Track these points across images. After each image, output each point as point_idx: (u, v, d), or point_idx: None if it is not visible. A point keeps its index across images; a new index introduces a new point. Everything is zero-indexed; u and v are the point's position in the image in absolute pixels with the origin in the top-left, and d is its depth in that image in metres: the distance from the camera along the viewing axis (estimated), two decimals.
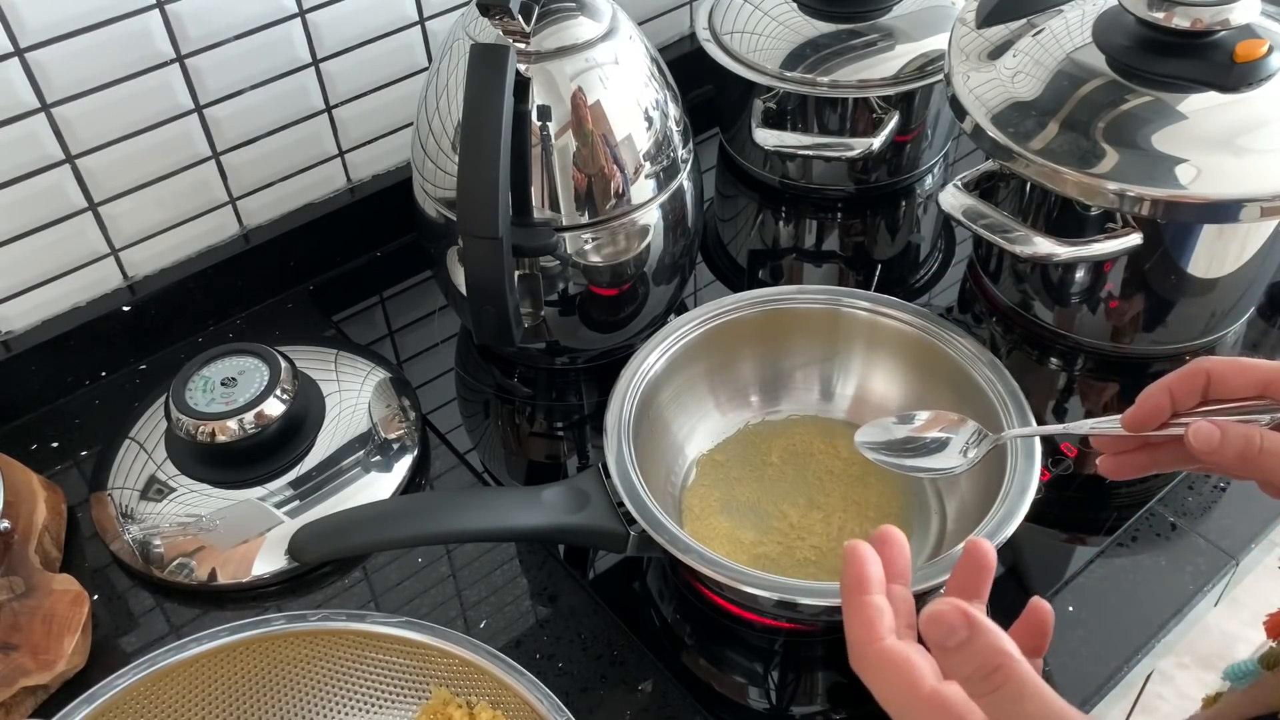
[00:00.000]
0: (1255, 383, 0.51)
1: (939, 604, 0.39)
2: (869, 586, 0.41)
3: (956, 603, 0.39)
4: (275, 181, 0.92)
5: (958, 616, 0.38)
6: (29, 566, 0.71)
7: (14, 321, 0.84)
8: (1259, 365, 0.52)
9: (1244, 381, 0.52)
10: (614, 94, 0.73)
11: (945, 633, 0.38)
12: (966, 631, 0.38)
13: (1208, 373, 0.52)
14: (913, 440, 0.65)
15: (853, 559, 0.42)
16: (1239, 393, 0.52)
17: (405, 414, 0.82)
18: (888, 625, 0.41)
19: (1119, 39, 0.76)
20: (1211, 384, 0.52)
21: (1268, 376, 0.51)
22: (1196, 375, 0.52)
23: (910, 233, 1.03)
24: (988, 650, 0.38)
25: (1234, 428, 0.51)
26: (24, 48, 0.74)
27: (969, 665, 0.38)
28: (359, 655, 0.62)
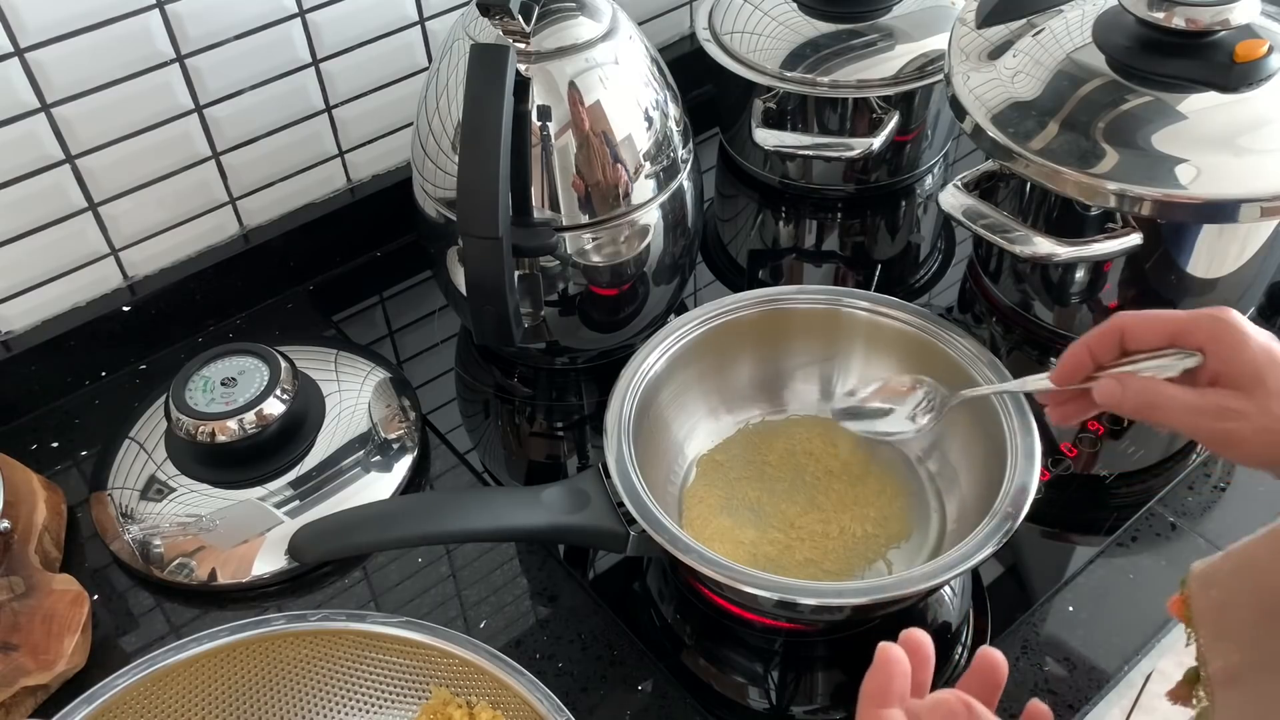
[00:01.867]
0: (1164, 334, 0.56)
1: (943, 693, 0.41)
2: (890, 700, 0.42)
3: (959, 692, 0.40)
4: (275, 181, 0.92)
5: (959, 707, 0.40)
6: (29, 566, 0.71)
7: (14, 321, 0.84)
8: (1167, 317, 0.56)
9: (1154, 333, 0.56)
10: (614, 94, 0.73)
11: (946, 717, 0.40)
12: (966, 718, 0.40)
13: (1122, 329, 0.57)
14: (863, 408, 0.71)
15: (881, 665, 0.43)
16: (1151, 344, 0.56)
17: (405, 414, 0.82)
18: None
19: (1119, 39, 0.76)
20: (1126, 337, 0.57)
21: (1175, 327, 0.55)
22: (1112, 331, 0.57)
23: (910, 233, 1.03)
24: None
25: (1134, 382, 0.56)
26: (24, 48, 0.74)
27: None
28: (359, 655, 0.62)
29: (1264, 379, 0.53)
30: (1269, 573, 0.38)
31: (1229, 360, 0.54)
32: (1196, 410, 0.54)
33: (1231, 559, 0.41)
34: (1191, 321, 0.55)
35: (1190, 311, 0.56)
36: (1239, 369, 0.54)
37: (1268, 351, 0.53)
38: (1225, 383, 0.54)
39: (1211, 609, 0.41)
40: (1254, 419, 0.53)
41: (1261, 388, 0.53)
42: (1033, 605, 0.70)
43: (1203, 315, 0.55)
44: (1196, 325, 0.55)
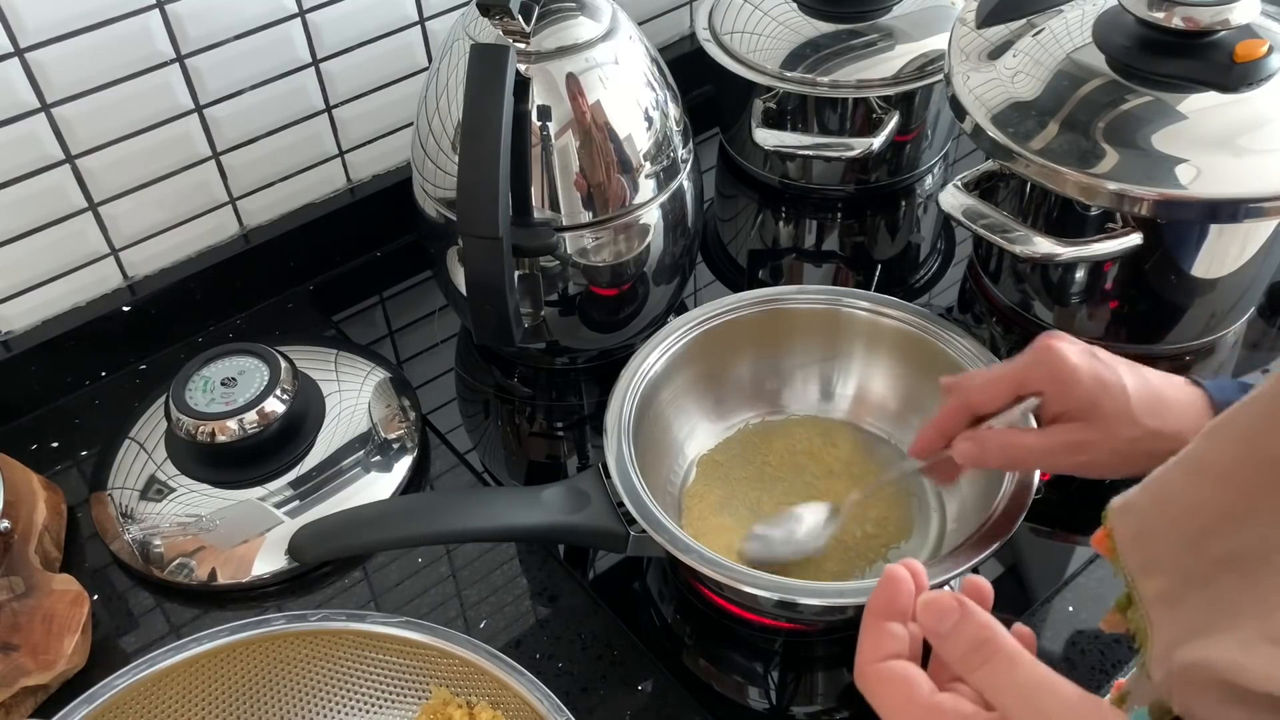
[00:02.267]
0: (1006, 393, 0.60)
1: (934, 593, 0.42)
2: (892, 613, 0.43)
3: (949, 591, 0.42)
4: (275, 181, 0.92)
5: (950, 601, 0.41)
6: (29, 566, 0.71)
7: (14, 321, 0.84)
8: (1003, 375, 0.60)
9: (997, 396, 0.61)
10: (614, 94, 0.73)
11: (939, 617, 0.41)
12: (958, 615, 0.40)
13: (967, 403, 0.62)
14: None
15: (887, 581, 0.44)
16: (997, 405, 0.61)
17: (405, 414, 0.82)
18: (894, 651, 0.42)
19: (1119, 39, 0.76)
20: (973, 406, 0.61)
21: (1013, 382, 0.60)
22: (958, 408, 0.62)
23: (910, 233, 1.03)
24: (977, 627, 0.40)
25: (990, 438, 0.60)
26: (24, 48, 0.74)
27: (962, 644, 0.40)
28: (359, 655, 0.62)
29: (1099, 406, 0.57)
30: (1185, 502, 0.40)
31: (1065, 398, 0.58)
32: (1050, 452, 0.59)
33: (1148, 492, 0.43)
34: (1025, 371, 0.60)
35: (1021, 358, 0.60)
36: (1075, 404, 0.58)
37: (1096, 379, 0.57)
38: (1066, 418, 0.59)
39: (1134, 541, 0.42)
40: (1101, 445, 0.57)
41: (1099, 415, 0.57)
42: (1033, 605, 0.70)
43: (1033, 360, 0.60)
44: (1031, 372, 0.59)
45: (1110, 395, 0.57)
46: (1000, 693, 0.38)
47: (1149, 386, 0.58)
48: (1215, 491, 0.38)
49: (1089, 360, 0.58)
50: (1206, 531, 0.38)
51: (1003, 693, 0.38)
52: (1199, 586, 0.38)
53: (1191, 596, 0.38)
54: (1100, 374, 0.58)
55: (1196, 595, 0.38)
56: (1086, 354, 0.59)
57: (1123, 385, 0.57)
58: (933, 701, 0.40)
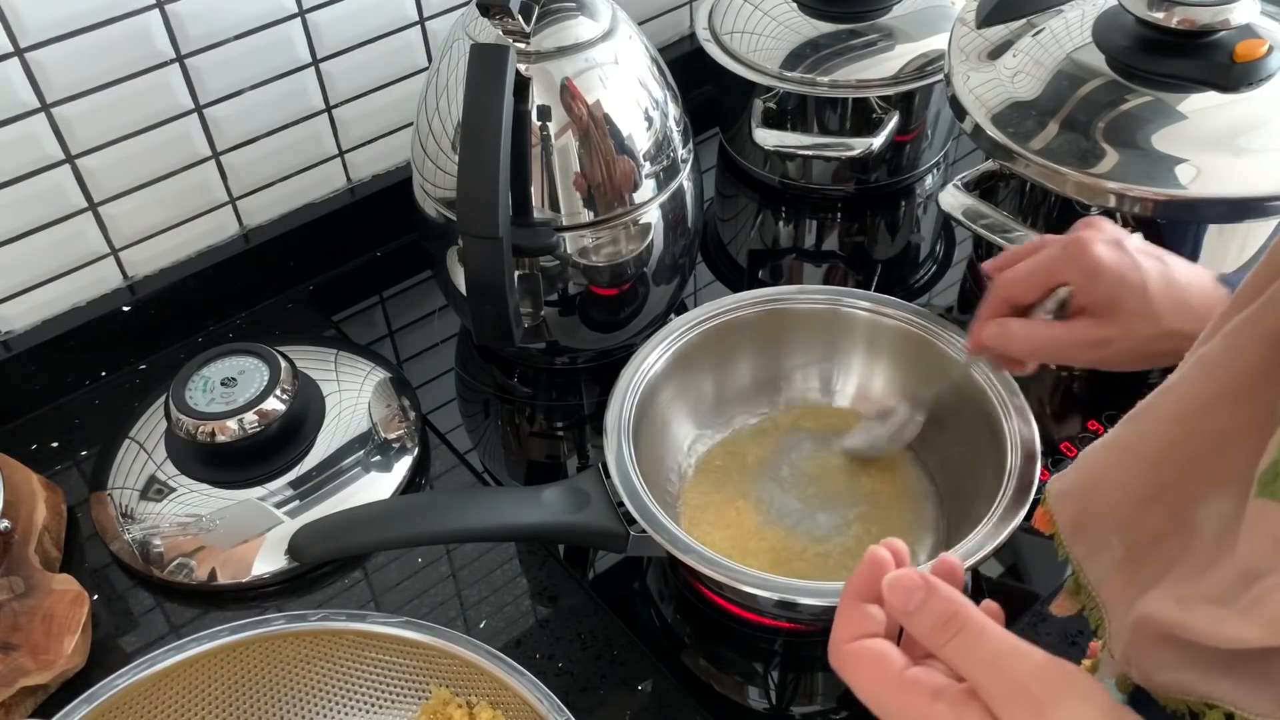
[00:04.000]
0: (1041, 286, 0.62)
1: (899, 572, 0.42)
2: (870, 594, 0.43)
3: (915, 570, 0.42)
4: (275, 181, 0.92)
5: (915, 579, 0.41)
6: (29, 566, 0.71)
7: (14, 321, 0.84)
8: (1036, 268, 0.62)
9: (1033, 289, 0.62)
10: (614, 94, 0.73)
11: (905, 595, 0.41)
12: (923, 592, 0.41)
13: (1005, 297, 0.63)
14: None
15: (868, 562, 0.44)
16: (1033, 298, 0.63)
17: (405, 414, 0.82)
18: (869, 631, 0.43)
19: (1119, 39, 0.76)
20: (1012, 301, 0.63)
21: (1046, 274, 0.62)
22: (1000, 304, 0.64)
23: (910, 233, 1.03)
24: (943, 603, 0.40)
25: (1016, 326, 0.62)
26: (24, 48, 0.74)
27: (929, 620, 0.40)
28: (359, 655, 0.62)
29: (1120, 303, 0.59)
30: (1118, 484, 0.41)
31: (1089, 292, 0.60)
32: (1072, 345, 0.61)
33: (1081, 475, 0.43)
34: (1055, 262, 0.61)
35: (1054, 247, 0.61)
36: (1098, 299, 0.60)
37: (1118, 276, 0.58)
38: (1090, 311, 0.60)
39: (1074, 526, 0.43)
40: (1120, 342, 0.59)
41: (1120, 312, 0.59)
42: (1033, 605, 0.70)
43: (1063, 251, 0.61)
44: (1060, 264, 0.61)
45: (1130, 292, 0.58)
46: (970, 664, 0.39)
47: (1172, 287, 0.58)
48: (1146, 471, 0.40)
49: (1115, 254, 0.59)
50: (1141, 509, 0.40)
51: (972, 664, 0.39)
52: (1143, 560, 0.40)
53: (1139, 571, 0.40)
54: (1123, 271, 0.58)
55: (1143, 569, 0.40)
56: (1114, 247, 0.59)
57: (1144, 284, 0.58)
58: (906, 676, 0.40)
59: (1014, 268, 0.63)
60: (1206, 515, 0.38)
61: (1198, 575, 0.37)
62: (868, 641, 0.42)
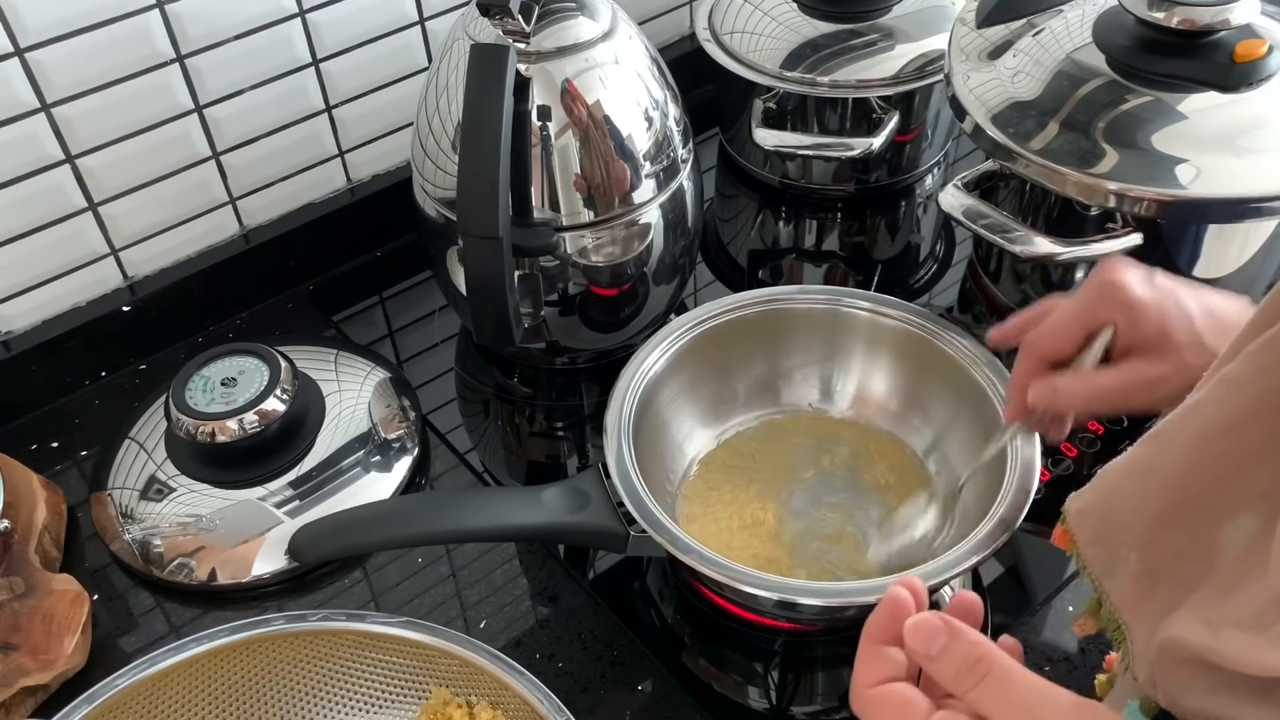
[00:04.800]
0: (1076, 336, 0.59)
1: (919, 616, 0.41)
2: (890, 636, 0.43)
3: (936, 613, 0.41)
4: (275, 181, 0.92)
5: (936, 623, 0.41)
6: (29, 566, 0.71)
7: (14, 321, 0.84)
8: (1070, 318, 0.59)
9: (1068, 341, 0.59)
10: (614, 94, 0.73)
11: (929, 639, 0.40)
12: (945, 636, 0.40)
13: (1039, 354, 0.60)
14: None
15: (889, 604, 0.44)
16: (1071, 351, 0.59)
17: (405, 414, 0.82)
18: (891, 675, 0.42)
19: (1119, 39, 0.76)
20: (1049, 358, 0.60)
21: (1082, 322, 0.58)
22: (1036, 365, 0.60)
23: (910, 233, 1.03)
24: (968, 646, 0.40)
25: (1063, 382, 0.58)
26: (24, 48, 0.74)
27: (954, 665, 0.40)
28: (359, 655, 0.62)
29: (1170, 336, 0.56)
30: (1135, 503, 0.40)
31: (1134, 331, 0.57)
32: (1127, 390, 0.57)
33: (1101, 494, 0.43)
34: (1092, 307, 0.58)
35: (1083, 295, 0.59)
36: (1145, 337, 0.57)
37: (1160, 309, 0.56)
38: (1138, 351, 0.57)
39: (1093, 545, 0.43)
40: (1174, 379, 0.56)
41: (1171, 345, 0.56)
42: (1033, 605, 0.70)
43: (1098, 295, 0.58)
44: (1098, 307, 0.58)
45: (1179, 325, 0.56)
46: (998, 710, 0.38)
47: (1214, 313, 0.57)
48: (1167, 490, 0.39)
49: (1151, 290, 0.57)
50: (1161, 528, 0.39)
51: (1001, 709, 0.38)
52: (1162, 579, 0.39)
53: (1157, 590, 0.39)
54: (1165, 303, 0.56)
55: (1162, 588, 0.39)
56: (1147, 283, 0.57)
57: (1187, 313, 0.56)
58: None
59: (1046, 322, 0.60)
60: (1230, 536, 0.37)
61: (1224, 597, 0.36)
62: (891, 686, 0.41)
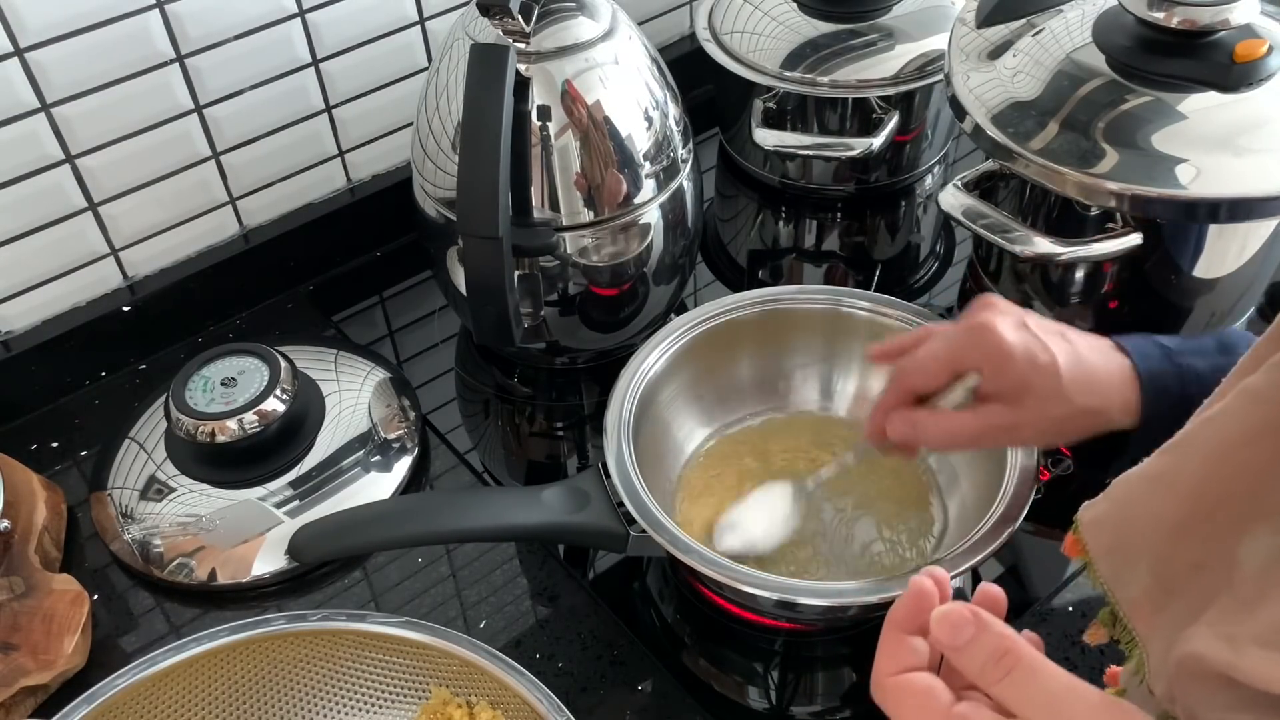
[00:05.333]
0: (944, 372, 0.60)
1: (947, 605, 0.41)
2: (914, 626, 0.43)
3: (964, 604, 0.41)
4: (275, 181, 0.92)
5: (965, 614, 0.40)
6: (29, 566, 0.71)
7: (14, 321, 0.84)
8: (938, 353, 0.60)
9: (936, 376, 0.60)
10: (614, 94, 0.73)
11: (954, 630, 0.40)
12: (973, 628, 0.40)
13: (908, 386, 0.61)
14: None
15: (914, 594, 0.43)
16: (937, 385, 0.60)
17: (405, 414, 0.82)
18: (913, 664, 0.42)
19: (1119, 39, 0.76)
20: (915, 389, 0.61)
21: (949, 360, 0.59)
22: (903, 394, 0.61)
23: (910, 233, 1.03)
24: (995, 639, 0.39)
25: (925, 421, 0.60)
26: (24, 48, 0.74)
27: (980, 656, 0.39)
28: (359, 655, 0.62)
29: (1031, 387, 0.57)
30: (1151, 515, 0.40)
31: (998, 378, 0.58)
32: (982, 434, 0.59)
33: (1116, 503, 0.43)
34: (960, 350, 0.59)
35: (956, 334, 0.60)
36: (1008, 384, 0.58)
37: (1029, 359, 0.57)
38: (999, 397, 0.58)
39: (1108, 556, 0.42)
40: (1032, 425, 0.58)
41: (1031, 395, 0.57)
42: (1033, 605, 0.70)
43: (967, 339, 0.59)
44: (966, 351, 0.59)
45: (1042, 376, 0.57)
46: (1024, 704, 0.38)
47: (1080, 363, 0.58)
48: (1183, 502, 0.39)
49: (1022, 336, 0.58)
50: (1177, 540, 0.39)
51: (1027, 703, 0.38)
52: (1178, 591, 0.39)
53: (1173, 602, 0.39)
54: (1033, 352, 0.57)
55: (1178, 600, 0.39)
56: (1020, 328, 0.58)
57: (1055, 365, 0.57)
58: (954, 713, 0.39)
59: (915, 355, 0.61)
60: (1249, 549, 0.37)
61: (1245, 613, 0.36)
62: (913, 675, 0.41)
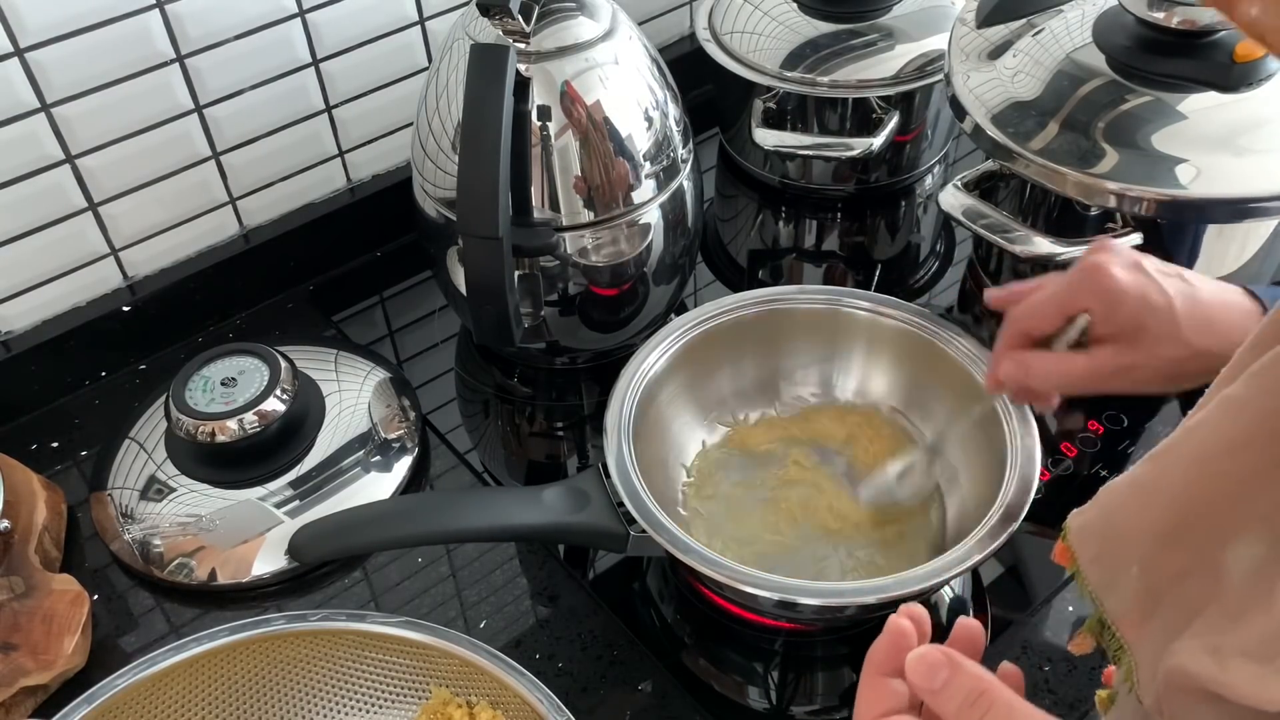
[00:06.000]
0: (1056, 314, 0.60)
1: (921, 650, 0.41)
2: (893, 668, 0.43)
3: (937, 646, 0.41)
4: (275, 181, 0.92)
5: (938, 657, 0.41)
6: (29, 566, 0.71)
7: (14, 321, 0.84)
8: (1051, 297, 0.60)
9: (1048, 318, 0.60)
10: (614, 94, 0.73)
11: (929, 673, 0.40)
12: (948, 670, 0.40)
13: (1021, 329, 0.62)
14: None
15: (890, 634, 0.44)
16: (1050, 327, 0.61)
17: (405, 414, 0.82)
18: (894, 707, 0.42)
19: (1119, 39, 0.76)
20: (1029, 331, 0.62)
21: (1062, 301, 0.60)
22: (1016, 338, 0.62)
23: (910, 233, 1.03)
24: (971, 680, 0.40)
25: (1036, 363, 0.60)
26: (24, 48, 0.74)
27: (956, 699, 0.40)
28: (359, 655, 0.62)
29: (1145, 328, 0.57)
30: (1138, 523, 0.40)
31: (1110, 319, 0.58)
32: (1094, 376, 0.59)
33: (1103, 511, 0.43)
34: (1072, 290, 0.59)
35: (1069, 275, 0.60)
36: (1121, 325, 0.58)
37: (1142, 299, 0.57)
38: (1113, 338, 0.58)
39: (1095, 564, 0.43)
40: (1146, 366, 0.57)
41: (1145, 336, 0.57)
42: (1033, 605, 0.70)
43: (1080, 278, 0.59)
44: (1078, 291, 0.59)
45: (1156, 317, 0.56)
46: None
47: (1198, 305, 0.57)
48: (1167, 510, 0.39)
49: (1136, 277, 0.57)
50: (1162, 548, 0.39)
51: None
52: (1165, 599, 0.39)
53: (1160, 610, 0.39)
54: (1147, 293, 0.56)
55: (1165, 608, 0.39)
56: (1134, 269, 0.57)
57: (1170, 306, 0.56)
58: None
59: (1029, 299, 0.61)
60: (1234, 558, 0.37)
61: (1230, 623, 0.36)
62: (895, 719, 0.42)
